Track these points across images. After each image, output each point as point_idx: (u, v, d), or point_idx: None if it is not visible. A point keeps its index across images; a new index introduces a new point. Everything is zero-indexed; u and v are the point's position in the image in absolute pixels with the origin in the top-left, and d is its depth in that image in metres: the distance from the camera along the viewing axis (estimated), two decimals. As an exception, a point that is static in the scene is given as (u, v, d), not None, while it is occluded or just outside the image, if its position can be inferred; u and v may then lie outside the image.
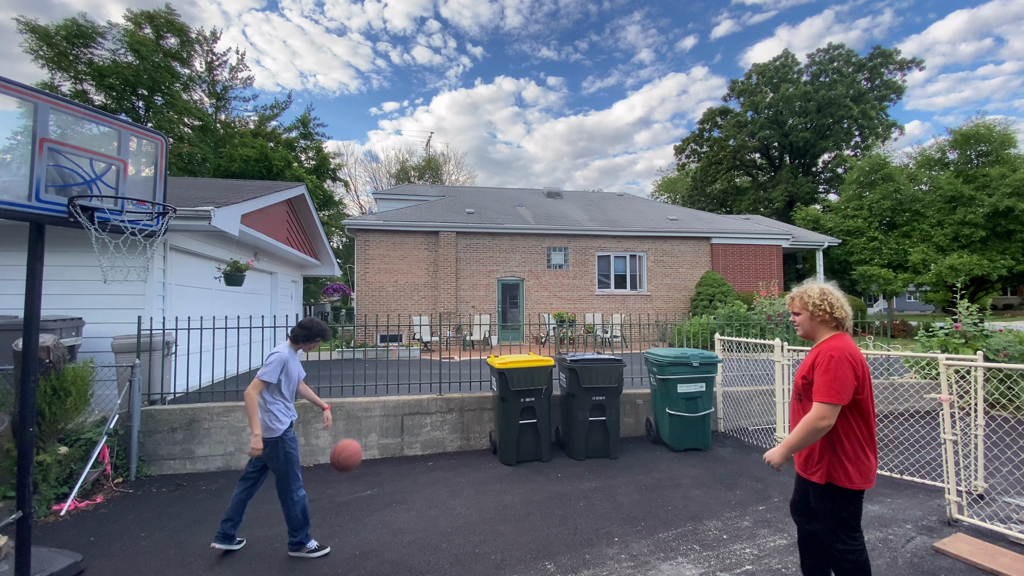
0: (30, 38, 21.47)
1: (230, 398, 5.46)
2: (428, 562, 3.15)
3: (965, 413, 5.17)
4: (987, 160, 18.82)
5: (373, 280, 14.45)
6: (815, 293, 2.38)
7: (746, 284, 16.11)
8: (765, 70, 35.48)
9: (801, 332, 2.44)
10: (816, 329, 2.38)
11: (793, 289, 2.50)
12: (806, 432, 2.15)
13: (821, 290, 2.38)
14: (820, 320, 2.35)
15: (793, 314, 2.45)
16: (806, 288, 2.43)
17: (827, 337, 2.33)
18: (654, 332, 14.78)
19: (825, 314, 2.33)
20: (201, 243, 6.99)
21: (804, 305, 2.39)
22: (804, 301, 2.39)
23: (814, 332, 2.39)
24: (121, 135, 2.75)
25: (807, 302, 2.38)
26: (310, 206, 11.24)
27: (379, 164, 46.04)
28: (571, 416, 5.25)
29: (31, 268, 2.59)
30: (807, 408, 2.25)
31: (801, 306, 2.40)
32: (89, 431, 4.54)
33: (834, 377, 2.12)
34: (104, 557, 3.30)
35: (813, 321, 2.37)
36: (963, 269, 16.25)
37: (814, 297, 2.36)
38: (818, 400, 2.14)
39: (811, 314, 2.36)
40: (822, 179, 36.62)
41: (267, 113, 30.41)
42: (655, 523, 3.65)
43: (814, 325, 2.38)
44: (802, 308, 2.40)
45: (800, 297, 2.42)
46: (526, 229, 15.12)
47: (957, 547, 3.16)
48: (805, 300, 2.39)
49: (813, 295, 2.37)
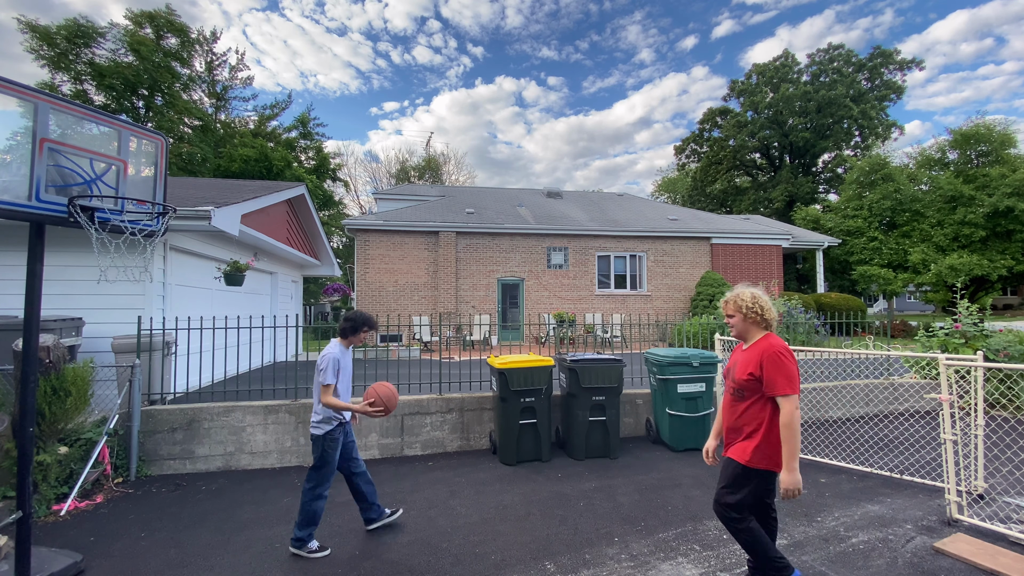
0: (31, 38, 21.48)
1: (230, 398, 5.46)
2: (428, 562, 3.15)
3: (965, 413, 5.18)
4: (987, 160, 18.82)
5: (373, 280, 14.44)
6: (747, 297, 2.59)
7: (746, 284, 16.10)
8: (765, 70, 35.49)
9: (735, 333, 2.65)
10: (748, 330, 2.59)
11: (727, 293, 2.71)
12: (793, 431, 2.33)
13: (752, 295, 2.60)
14: (752, 322, 2.57)
15: (727, 316, 2.65)
16: (739, 293, 2.64)
17: (761, 336, 2.55)
18: (654, 332, 14.79)
19: (757, 316, 2.55)
20: (201, 243, 6.98)
21: (738, 308, 2.59)
22: (738, 305, 2.60)
23: (746, 333, 2.61)
24: (121, 135, 2.75)
25: (740, 305, 2.59)
26: (310, 206, 11.24)
27: (379, 164, 46.14)
28: (571, 416, 5.25)
29: (31, 268, 2.59)
30: (746, 405, 2.49)
31: (735, 309, 2.61)
32: (89, 431, 4.54)
33: (790, 371, 2.38)
34: (104, 557, 3.30)
35: (746, 323, 2.59)
36: (963, 269, 16.25)
37: (747, 301, 2.58)
38: (785, 393, 2.36)
39: (744, 316, 2.58)
40: (822, 179, 36.62)
41: (267, 113, 30.43)
42: (655, 523, 3.65)
43: (747, 326, 2.59)
44: (736, 311, 2.60)
45: (734, 301, 2.62)
46: (526, 229, 15.12)
47: (957, 547, 3.16)
48: (739, 304, 2.59)
49: (746, 299, 2.58)
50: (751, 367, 2.46)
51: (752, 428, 2.47)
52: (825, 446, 5.35)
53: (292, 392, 5.68)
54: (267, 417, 5.19)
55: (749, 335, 2.59)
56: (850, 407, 6.61)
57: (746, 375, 2.47)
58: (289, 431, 5.21)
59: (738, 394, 2.52)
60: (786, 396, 2.33)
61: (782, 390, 2.35)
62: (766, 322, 2.55)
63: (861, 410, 6.65)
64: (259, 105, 31.75)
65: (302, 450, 5.23)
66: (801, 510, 3.85)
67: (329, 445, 3.34)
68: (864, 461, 4.86)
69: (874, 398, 6.69)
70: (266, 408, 5.20)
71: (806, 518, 3.71)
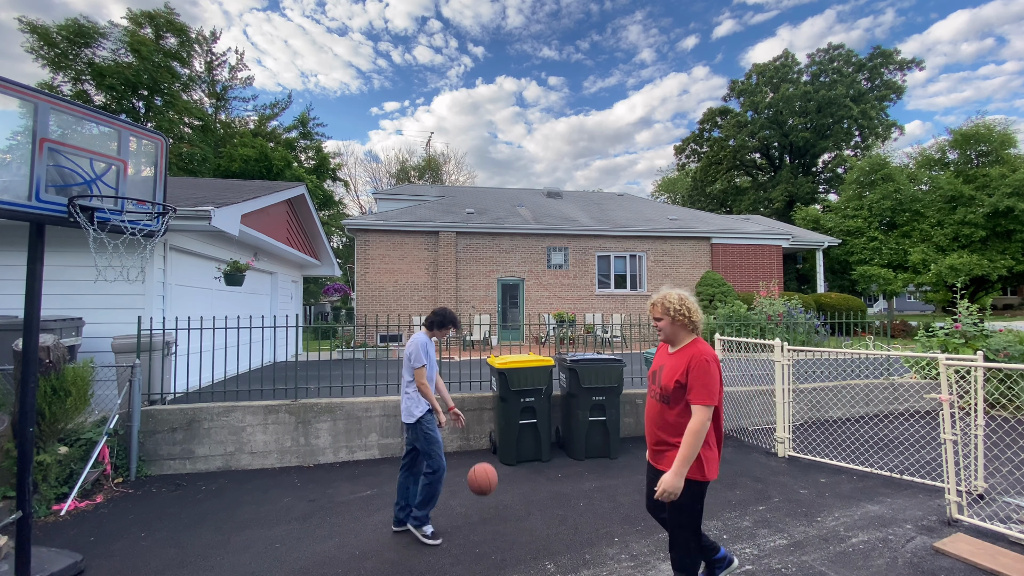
0: (31, 38, 21.48)
1: (230, 398, 5.46)
2: (428, 562, 3.15)
3: (965, 413, 5.17)
4: (987, 160, 18.82)
5: (373, 280, 14.45)
6: (675, 299, 2.47)
7: (746, 284, 16.11)
8: (765, 70, 35.48)
9: (663, 336, 2.55)
10: (677, 333, 2.48)
11: (653, 296, 2.59)
12: (696, 439, 2.26)
13: (680, 296, 2.49)
14: (680, 324, 2.46)
15: (655, 319, 2.54)
16: (666, 295, 2.52)
17: (689, 341, 2.46)
18: (654, 332, 14.77)
19: (684, 319, 2.44)
20: (201, 243, 6.99)
21: (666, 311, 2.48)
22: (665, 307, 2.48)
23: (675, 336, 2.50)
24: (121, 135, 2.75)
25: (668, 307, 2.47)
26: (310, 206, 11.24)
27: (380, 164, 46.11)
28: (571, 416, 5.25)
29: (31, 268, 2.59)
30: (675, 414, 2.39)
31: (663, 312, 2.49)
32: (89, 431, 4.54)
33: (713, 381, 2.29)
34: (104, 557, 3.30)
35: (674, 326, 2.47)
36: (963, 269, 16.25)
37: (674, 303, 2.46)
38: (703, 403, 2.27)
39: (672, 319, 2.46)
40: (822, 179, 36.62)
41: (267, 113, 30.43)
42: (655, 523, 3.64)
43: (675, 329, 2.48)
44: (663, 314, 2.49)
45: (661, 303, 2.51)
46: (526, 229, 15.12)
47: (957, 547, 3.16)
48: (666, 306, 2.48)
49: (673, 301, 2.47)
50: (678, 374, 2.36)
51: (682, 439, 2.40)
52: (825, 446, 5.34)
53: (292, 392, 5.68)
54: (267, 417, 5.19)
55: (677, 339, 2.49)
56: (850, 407, 6.61)
57: (673, 382, 2.37)
58: (289, 431, 5.21)
59: (664, 399, 2.44)
60: (704, 406, 2.26)
61: (700, 400, 2.27)
62: (694, 325, 2.46)
63: (861, 410, 6.65)
64: (259, 105, 31.80)
65: (302, 450, 5.23)
66: (801, 510, 3.85)
67: (428, 425, 3.50)
68: (864, 461, 4.86)
69: (874, 398, 6.69)
70: (266, 408, 5.20)
71: (806, 518, 3.71)
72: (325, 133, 47.84)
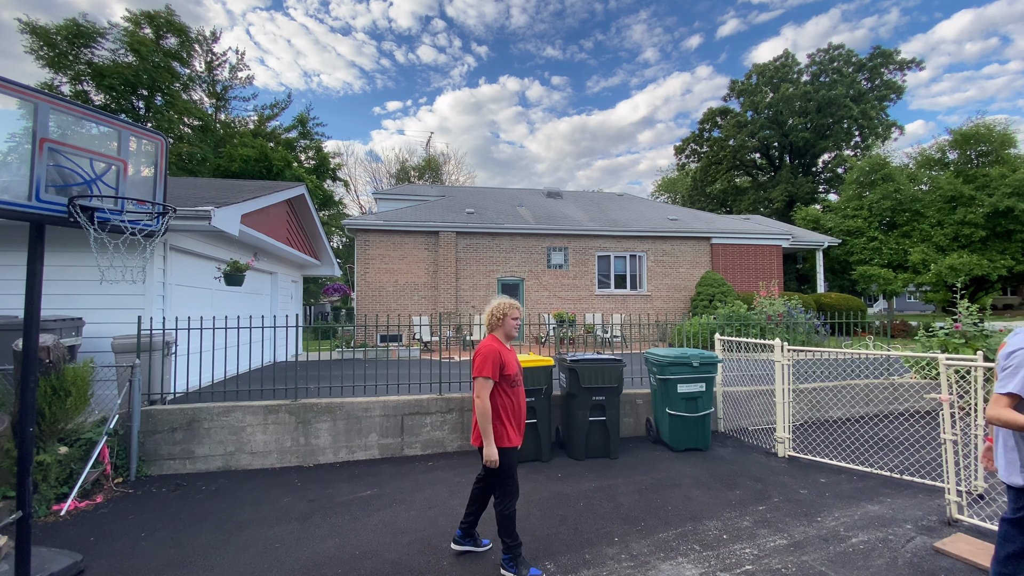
0: (30, 39, 21.47)
1: (230, 398, 5.46)
2: (428, 562, 3.15)
3: (965, 413, 5.17)
4: (987, 160, 18.83)
5: (373, 280, 14.44)
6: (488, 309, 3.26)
7: (746, 284, 16.11)
8: (765, 70, 35.48)
9: (505, 335, 3.21)
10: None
11: (487, 307, 3.27)
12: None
13: (492, 305, 3.23)
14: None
15: (513, 320, 3.21)
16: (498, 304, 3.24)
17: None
18: (654, 332, 14.78)
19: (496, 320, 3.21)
20: (201, 243, 6.98)
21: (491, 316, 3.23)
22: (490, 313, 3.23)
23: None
24: (121, 135, 2.75)
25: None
26: (310, 206, 11.24)
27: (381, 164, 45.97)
28: (571, 416, 5.25)
29: (31, 268, 2.58)
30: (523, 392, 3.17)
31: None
32: (89, 431, 4.54)
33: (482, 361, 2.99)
34: (104, 557, 3.30)
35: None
36: (963, 269, 16.25)
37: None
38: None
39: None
40: (822, 179, 36.62)
41: (267, 113, 30.42)
42: (655, 523, 3.65)
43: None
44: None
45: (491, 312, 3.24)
46: (526, 229, 15.12)
47: (957, 547, 3.16)
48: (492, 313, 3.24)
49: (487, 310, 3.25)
50: (516, 363, 3.14)
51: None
52: (825, 446, 5.34)
53: (292, 392, 5.68)
54: (267, 417, 5.19)
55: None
56: (850, 407, 6.61)
57: (518, 368, 3.15)
58: (289, 431, 5.21)
59: (516, 384, 3.08)
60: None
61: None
62: (491, 326, 3.23)
63: (861, 410, 6.65)
64: (259, 105, 31.78)
65: (302, 450, 5.23)
66: (801, 510, 3.85)
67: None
68: (864, 461, 4.86)
69: (874, 398, 6.69)
70: (266, 408, 5.20)
71: (806, 518, 3.71)
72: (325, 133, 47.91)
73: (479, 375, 2.90)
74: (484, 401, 2.86)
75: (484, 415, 2.85)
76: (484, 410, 2.85)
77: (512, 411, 3.02)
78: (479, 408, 2.86)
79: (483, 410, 2.85)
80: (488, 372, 2.91)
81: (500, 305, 3.17)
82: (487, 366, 2.92)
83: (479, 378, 2.90)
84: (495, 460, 2.84)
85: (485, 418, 2.85)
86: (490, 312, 3.19)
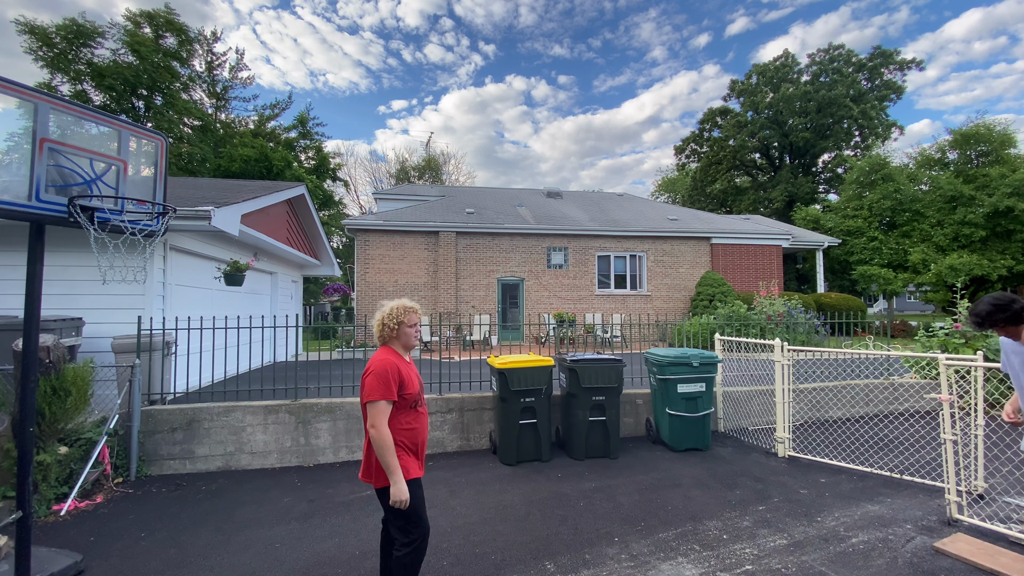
0: (29, 38, 21.45)
1: (230, 398, 5.46)
2: (428, 562, 3.15)
3: (965, 413, 5.17)
4: (987, 160, 18.83)
5: (373, 280, 14.44)
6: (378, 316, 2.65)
7: (746, 284, 16.11)
8: (765, 70, 35.49)
9: (405, 345, 2.67)
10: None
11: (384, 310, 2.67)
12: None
13: (385, 311, 2.63)
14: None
15: (410, 326, 2.64)
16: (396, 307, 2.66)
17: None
18: (654, 332, 14.78)
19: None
20: (201, 243, 6.98)
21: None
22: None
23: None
24: (121, 135, 2.75)
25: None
26: (310, 206, 11.24)
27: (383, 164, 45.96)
28: (571, 416, 5.25)
29: (31, 268, 2.58)
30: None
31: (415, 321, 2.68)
32: (89, 431, 4.54)
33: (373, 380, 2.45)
34: (104, 557, 3.29)
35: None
36: (963, 269, 16.26)
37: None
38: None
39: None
40: (822, 179, 36.62)
41: (267, 113, 30.40)
42: (655, 523, 3.65)
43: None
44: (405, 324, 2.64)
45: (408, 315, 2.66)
46: (526, 229, 15.12)
47: (957, 547, 3.16)
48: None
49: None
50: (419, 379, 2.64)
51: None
52: (825, 446, 5.34)
53: (292, 392, 5.68)
54: (267, 417, 5.19)
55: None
56: (850, 407, 6.61)
57: (421, 384, 2.64)
58: (289, 431, 5.21)
59: (418, 404, 2.58)
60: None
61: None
62: (382, 337, 2.63)
63: (861, 410, 6.65)
64: (259, 105, 31.68)
65: (302, 450, 5.23)
66: (801, 510, 3.85)
67: None
68: (864, 461, 4.86)
69: (874, 398, 6.69)
70: (266, 408, 5.20)
71: (806, 518, 3.71)
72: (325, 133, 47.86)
73: (373, 398, 2.36)
74: (382, 430, 2.34)
75: (384, 446, 2.33)
76: (384, 441, 2.33)
77: (413, 438, 2.52)
78: (376, 439, 2.33)
79: (382, 441, 2.33)
80: (384, 394, 2.38)
81: (393, 311, 2.58)
82: (382, 386, 2.38)
83: (374, 402, 2.36)
84: (406, 499, 2.34)
85: (386, 450, 2.33)
86: (380, 321, 2.58)
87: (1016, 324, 2.60)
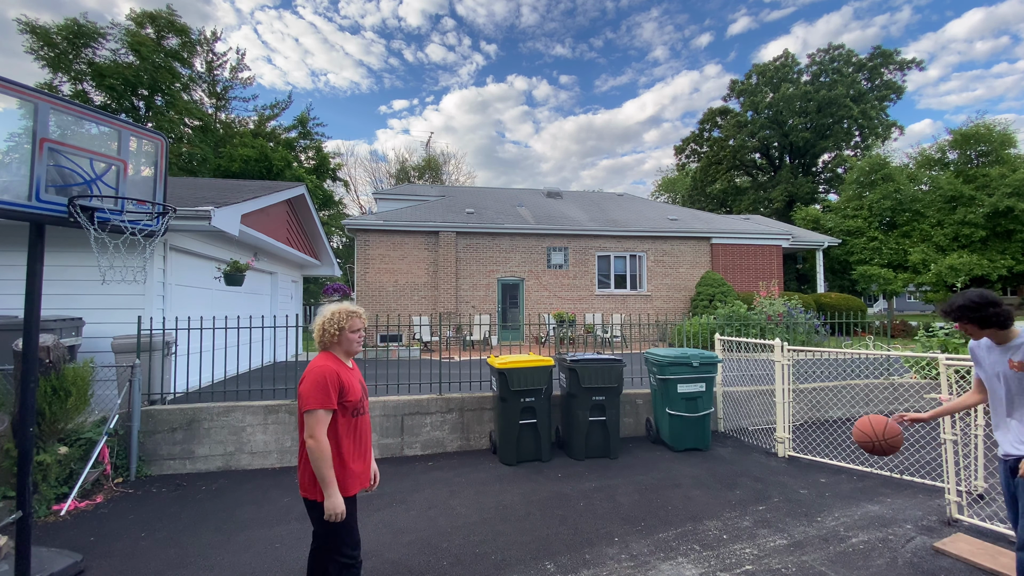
0: (30, 38, 21.45)
1: (230, 398, 5.46)
2: (428, 562, 3.15)
3: (965, 413, 5.17)
4: (987, 160, 18.84)
5: (373, 280, 14.44)
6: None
7: (746, 284, 16.11)
8: (765, 70, 35.47)
9: (348, 351, 2.54)
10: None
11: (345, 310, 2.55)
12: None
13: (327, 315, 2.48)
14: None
15: (353, 332, 2.51)
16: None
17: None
18: (654, 332, 14.78)
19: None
20: (201, 243, 6.98)
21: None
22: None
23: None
24: (121, 135, 2.75)
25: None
26: (310, 206, 11.24)
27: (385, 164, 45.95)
28: (571, 416, 5.25)
29: (31, 268, 2.59)
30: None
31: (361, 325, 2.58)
32: (89, 431, 4.54)
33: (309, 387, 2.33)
34: (104, 557, 3.30)
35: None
36: (963, 269, 16.26)
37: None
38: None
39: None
40: (822, 179, 36.62)
41: (267, 113, 30.39)
42: (655, 523, 3.65)
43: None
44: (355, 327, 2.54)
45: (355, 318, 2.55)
46: (526, 229, 15.12)
47: (957, 547, 3.16)
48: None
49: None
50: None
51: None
52: (825, 446, 5.34)
53: (292, 392, 5.67)
54: (267, 417, 5.19)
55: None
56: (850, 407, 6.61)
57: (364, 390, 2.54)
58: (289, 431, 5.21)
59: (360, 412, 2.45)
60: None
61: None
62: (323, 343, 2.50)
63: (861, 410, 6.64)
64: (260, 105, 31.66)
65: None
66: (801, 510, 3.85)
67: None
68: (864, 461, 4.86)
69: (874, 398, 6.69)
70: (266, 408, 5.20)
71: (806, 518, 3.71)
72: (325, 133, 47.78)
73: (311, 407, 2.21)
74: (320, 441, 2.20)
75: (322, 459, 2.19)
76: (322, 453, 2.19)
77: (354, 449, 2.37)
78: (314, 451, 2.18)
79: (320, 453, 2.19)
80: (322, 403, 2.22)
81: (334, 316, 2.43)
82: (320, 394, 2.23)
83: (312, 411, 2.21)
84: (342, 512, 2.21)
85: (324, 462, 2.19)
86: (320, 327, 2.43)
87: (981, 327, 2.49)
